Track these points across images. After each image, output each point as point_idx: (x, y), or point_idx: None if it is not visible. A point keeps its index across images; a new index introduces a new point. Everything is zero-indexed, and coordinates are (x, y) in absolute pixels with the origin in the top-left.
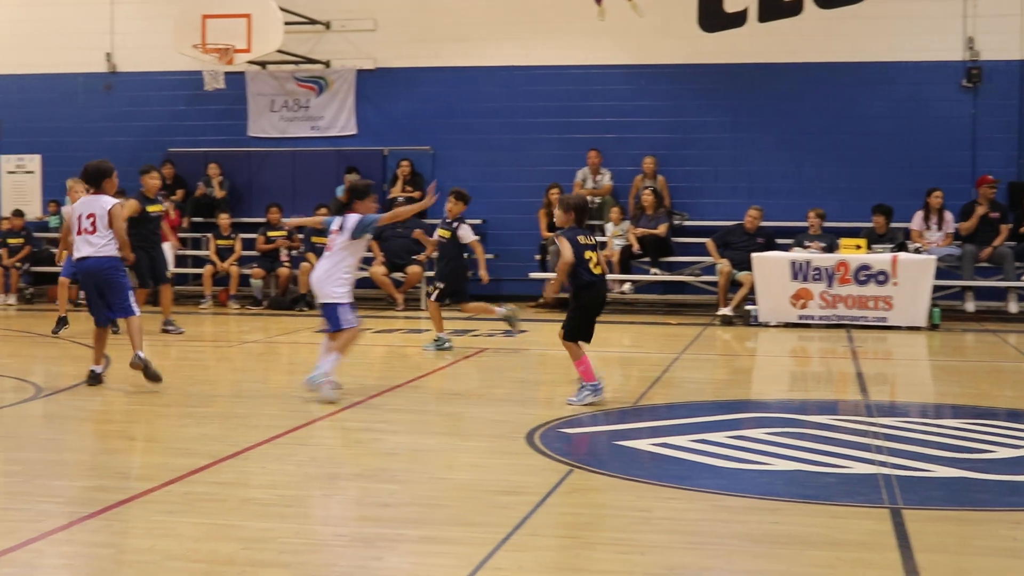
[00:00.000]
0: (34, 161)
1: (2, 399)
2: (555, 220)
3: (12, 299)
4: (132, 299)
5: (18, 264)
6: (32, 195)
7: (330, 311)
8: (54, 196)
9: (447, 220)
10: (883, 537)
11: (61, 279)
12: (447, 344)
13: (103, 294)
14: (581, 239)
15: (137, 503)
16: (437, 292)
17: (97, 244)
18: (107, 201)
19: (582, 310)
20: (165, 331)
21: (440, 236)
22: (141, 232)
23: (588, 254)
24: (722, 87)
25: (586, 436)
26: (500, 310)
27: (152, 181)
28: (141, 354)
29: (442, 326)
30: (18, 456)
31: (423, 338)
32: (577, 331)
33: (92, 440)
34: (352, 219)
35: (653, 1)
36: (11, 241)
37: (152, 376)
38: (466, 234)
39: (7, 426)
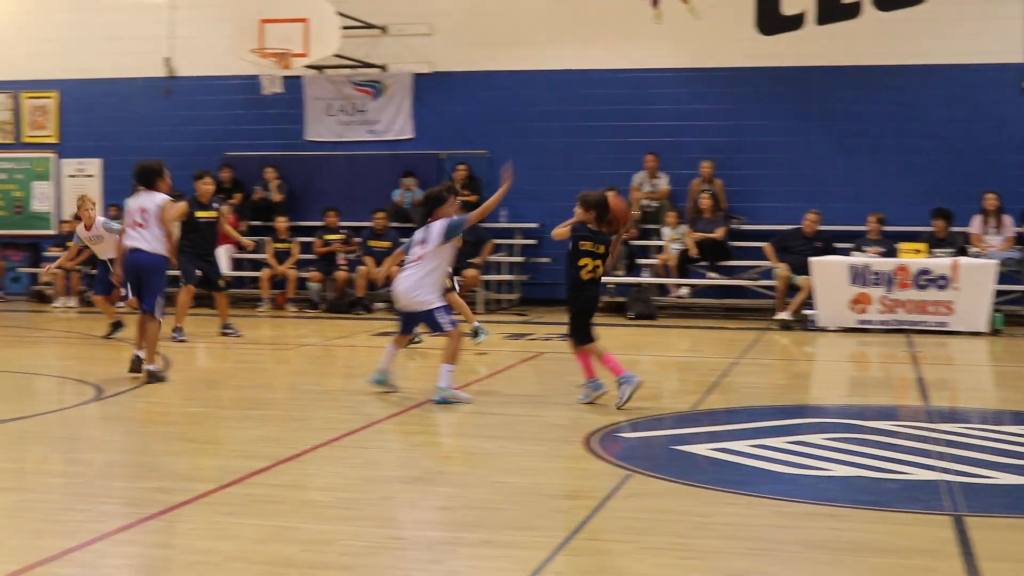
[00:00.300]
0: (94, 165)
1: (63, 401)
2: (575, 216)
3: (73, 302)
4: (160, 303)
5: (79, 267)
6: (93, 198)
7: (428, 317)
8: (114, 200)
9: None
10: (946, 544)
11: (94, 296)
12: (483, 330)
13: (140, 286)
14: (586, 244)
15: (197, 504)
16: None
17: (148, 239)
18: (160, 198)
19: (577, 312)
20: (224, 334)
21: None
22: (191, 238)
23: (584, 260)
24: (780, 90)
25: (644, 440)
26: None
27: (205, 187)
28: (140, 354)
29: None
30: (80, 457)
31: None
32: (581, 333)
33: (152, 442)
34: (438, 225)
35: (710, 4)
36: (71, 244)
37: (152, 380)
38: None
39: (69, 427)
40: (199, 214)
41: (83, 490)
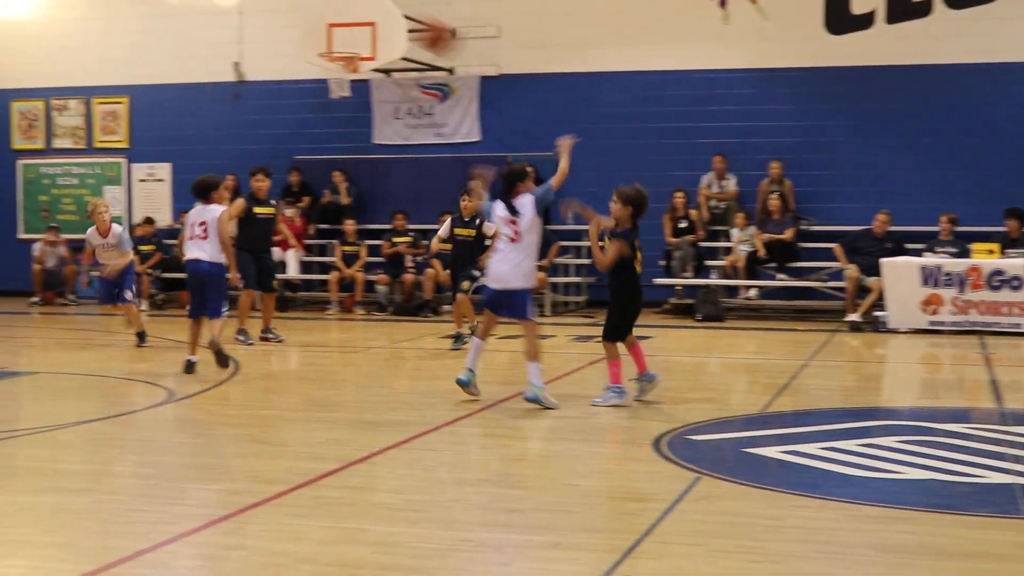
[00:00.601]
0: (164, 169)
1: (134, 403)
2: (611, 212)
3: (143, 305)
4: (224, 305)
5: (149, 271)
6: (162, 203)
7: (521, 298)
8: (184, 204)
9: (466, 219)
10: (1021, 549)
11: (103, 306)
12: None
13: (204, 293)
14: (636, 243)
15: (268, 506)
16: (473, 285)
17: (209, 250)
18: (216, 209)
19: (623, 309)
20: (264, 339)
21: (462, 235)
22: (249, 234)
23: (637, 259)
24: (849, 90)
25: (713, 443)
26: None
27: (258, 183)
28: (217, 339)
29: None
30: (152, 459)
31: (548, 344)
32: (618, 331)
33: (222, 444)
34: (527, 199)
35: (778, 3)
36: (142, 248)
37: (222, 361)
38: (491, 227)
39: (140, 430)
40: (256, 210)
41: (155, 492)
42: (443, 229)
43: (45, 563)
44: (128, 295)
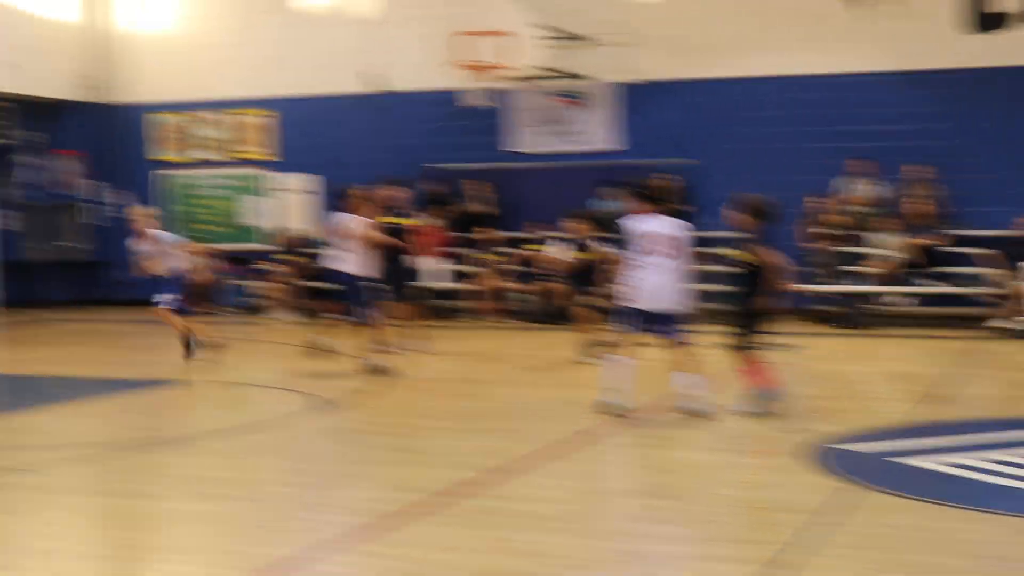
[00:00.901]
0: (305, 180)
1: (288, 411)
2: (732, 221)
3: (290, 314)
4: (364, 312)
5: (292, 280)
6: (302, 213)
7: (675, 320)
8: (325, 215)
9: (579, 241)
10: None
11: (160, 311)
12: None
13: (343, 299)
14: None
15: (415, 514)
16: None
17: (343, 258)
18: (346, 218)
19: (755, 315)
20: (410, 347)
21: (582, 259)
22: (382, 247)
23: None
24: (997, 91)
25: (863, 454)
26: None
27: (388, 195)
28: (318, 338)
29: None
30: (302, 467)
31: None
32: (753, 337)
33: (368, 452)
34: (684, 225)
35: (922, 3)
36: (284, 258)
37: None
38: (598, 247)
39: (291, 437)
40: (387, 220)
41: (303, 499)
42: (565, 250)
43: (196, 568)
44: (162, 298)
